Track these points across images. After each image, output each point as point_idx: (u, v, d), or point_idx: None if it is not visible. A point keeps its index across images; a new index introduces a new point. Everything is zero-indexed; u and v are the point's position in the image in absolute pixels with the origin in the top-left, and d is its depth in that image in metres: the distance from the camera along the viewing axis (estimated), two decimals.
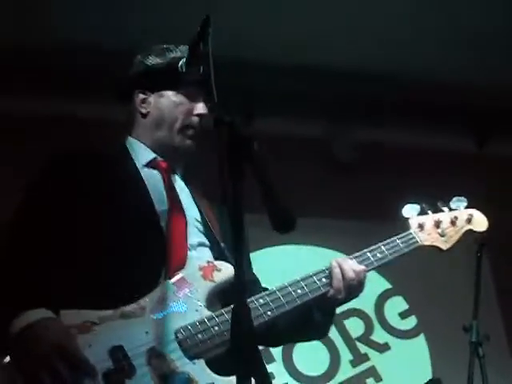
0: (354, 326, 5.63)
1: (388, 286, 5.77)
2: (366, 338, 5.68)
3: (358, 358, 5.60)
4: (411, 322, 5.75)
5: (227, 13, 4.48)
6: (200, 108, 2.75)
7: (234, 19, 4.68)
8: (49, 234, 2.47)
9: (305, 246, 5.58)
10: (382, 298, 5.79)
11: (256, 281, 2.80)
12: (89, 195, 2.54)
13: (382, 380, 5.53)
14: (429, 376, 5.34)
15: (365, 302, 5.60)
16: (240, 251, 1.98)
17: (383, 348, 5.66)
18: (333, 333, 5.46)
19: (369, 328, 5.70)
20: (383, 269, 2.83)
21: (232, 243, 1.99)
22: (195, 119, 2.75)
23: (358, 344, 5.65)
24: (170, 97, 2.76)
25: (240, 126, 2.05)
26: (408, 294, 5.76)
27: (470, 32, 5.12)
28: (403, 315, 5.76)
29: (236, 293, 1.98)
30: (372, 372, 5.55)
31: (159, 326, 2.40)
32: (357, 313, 5.66)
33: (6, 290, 2.38)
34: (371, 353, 5.64)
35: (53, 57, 5.11)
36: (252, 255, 2.84)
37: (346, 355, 5.59)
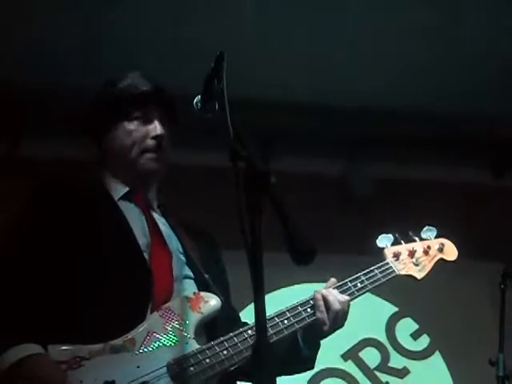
0: (370, 356, 5.59)
1: (395, 309, 5.74)
2: (384, 366, 5.63)
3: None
4: (424, 341, 5.72)
5: (246, 50, 4.55)
6: (154, 129, 2.69)
7: (250, 56, 4.72)
8: (36, 268, 2.41)
9: (319, 283, 5.50)
10: (392, 321, 5.74)
11: (236, 317, 2.76)
12: (72, 229, 2.49)
13: None
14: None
15: (376, 329, 5.63)
16: (260, 290, 1.91)
17: (403, 373, 5.63)
18: (351, 367, 5.54)
19: (385, 355, 5.65)
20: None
21: (252, 282, 1.92)
22: (151, 142, 2.67)
23: (378, 374, 5.60)
24: (124, 126, 2.70)
25: (257, 160, 2.01)
26: (432, 330, 5.73)
27: (476, 62, 5.16)
28: (415, 336, 5.72)
29: (257, 333, 1.92)
30: None
31: (150, 360, 2.34)
32: (370, 342, 5.64)
33: None
34: (392, 380, 5.59)
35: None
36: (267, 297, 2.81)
37: None
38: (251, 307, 1.92)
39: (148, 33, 4.85)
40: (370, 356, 5.59)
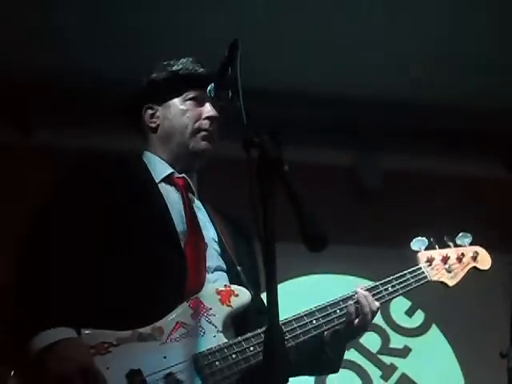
0: (371, 341, 5.55)
1: None
2: (386, 348, 5.63)
3: (387, 371, 5.56)
4: (420, 317, 5.70)
5: (258, 39, 4.49)
6: (208, 111, 2.71)
7: (261, 48, 4.65)
8: (69, 249, 2.39)
9: (331, 274, 5.57)
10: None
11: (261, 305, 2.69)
12: (109, 211, 2.48)
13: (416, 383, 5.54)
14: (455, 365, 5.50)
15: None
16: (272, 278, 1.92)
17: (405, 352, 5.63)
18: (354, 355, 5.50)
19: (384, 337, 5.64)
20: None
21: (265, 270, 1.94)
22: (205, 122, 2.69)
23: (381, 357, 5.61)
24: (177, 105, 2.72)
25: (270, 147, 2.02)
26: (424, 305, 5.68)
27: (495, 56, 5.11)
28: (409, 312, 5.69)
29: (268, 329, 1.93)
30: (405, 380, 5.54)
31: (177, 351, 2.34)
32: None
33: (26, 305, 2.30)
34: (396, 361, 5.59)
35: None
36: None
37: (374, 372, 5.56)
38: None
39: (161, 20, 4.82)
40: (371, 340, 5.55)
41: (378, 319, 5.54)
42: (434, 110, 5.46)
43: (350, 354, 5.48)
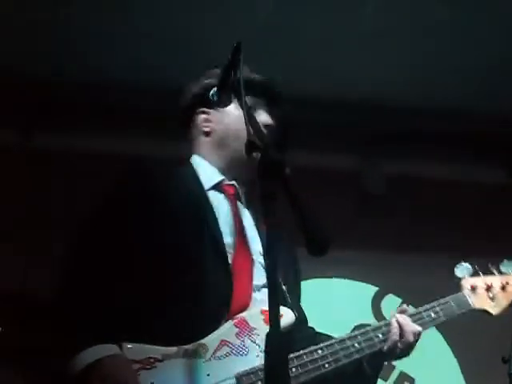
0: None
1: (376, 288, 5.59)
2: None
3: (385, 370, 5.47)
4: None
5: (260, 42, 4.48)
6: (265, 119, 2.68)
7: (262, 51, 4.61)
8: (113, 262, 2.38)
9: (335, 279, 5.53)
10: (376, 300, 5.56)
11: (310, 332, 2.73)
12: (157, 221, 2.45)
13: (415, 379, 5.51)
14: (452, 359, 5.48)
15: (363, 313, 5.49)
16: (275, 278, 1.93)
17: None
18: None
19: None
20: None
21: (267, 273, 1.99)
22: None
23: None
24: (233, 111, 2.67)
25: (272, 151, 2.02)
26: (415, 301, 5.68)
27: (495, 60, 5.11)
28: None
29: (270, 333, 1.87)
30: (404, 377, 5.50)
31: (220, 369, 2.34)
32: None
33: (69, 320, 2.31)
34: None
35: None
36: None
37: None
38: None
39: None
40: None
41: (370, 318, 5.46)
42: (437, 115, 5.48)
43: None
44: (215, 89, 2.44)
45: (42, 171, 5.13)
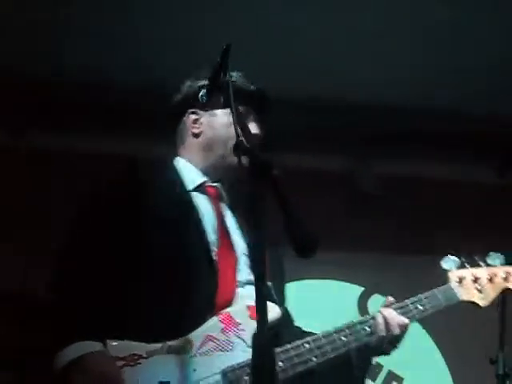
0: None
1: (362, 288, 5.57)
2: None
3: (373, 370, 5.43)
4: None
5: (257, 46, 4.54)
6: (253, 128, 2.68)
7: (255, 54, 4.62)
8: (98, 262, 2.41)
9: (325, 280, 5.55)
10: (363, 300, 5.54)
11: (296, 328, 2.73)
12: (141, 222, 2.49)
13: (404, 378, 5.54)
14: (440, 359, 5.49)
15: (350, 313, 5.35)
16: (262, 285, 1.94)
17: None
18: None
19: None
20: None
21: (255, 278, 1.95)
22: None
23: None
24: (223, 117, 2.69)
25: (259, 152, 2.05)
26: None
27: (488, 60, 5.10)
28: None
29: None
30: (392, 376, 5.53)
31: (206, 364, 2.37)
32: None
33: (56, 318, 2.35)
34: (381, 359, 5.49)
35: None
36: None
37: None
38: None
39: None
40: None
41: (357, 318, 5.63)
42: (437, 115, 5.47)
43: None
44: (204, 90, 2.47)
45: (42, 171, 5.16)
